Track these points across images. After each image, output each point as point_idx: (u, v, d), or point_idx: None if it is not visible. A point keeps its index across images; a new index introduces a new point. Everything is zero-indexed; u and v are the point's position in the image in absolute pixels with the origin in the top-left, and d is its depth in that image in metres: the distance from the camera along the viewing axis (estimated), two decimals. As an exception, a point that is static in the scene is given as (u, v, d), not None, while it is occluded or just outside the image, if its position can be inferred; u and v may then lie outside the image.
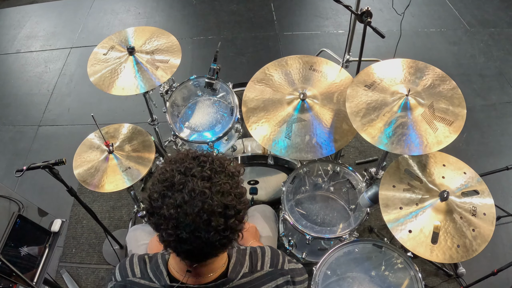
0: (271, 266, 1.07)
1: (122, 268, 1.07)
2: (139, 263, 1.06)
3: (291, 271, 1.10)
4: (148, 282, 1.01)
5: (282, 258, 1.11)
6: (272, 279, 1.05)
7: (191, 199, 0.83)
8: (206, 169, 0.87)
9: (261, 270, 1.06)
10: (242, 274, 1.02)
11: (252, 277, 1.03)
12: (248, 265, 1.05)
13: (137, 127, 1.96)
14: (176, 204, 0.83)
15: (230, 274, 1.00)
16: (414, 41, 3.66)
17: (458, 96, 1.60)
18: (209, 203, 0.83)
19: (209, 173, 0.86)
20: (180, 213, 0.83)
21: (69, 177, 1.70)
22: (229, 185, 0.88)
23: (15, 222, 1.51)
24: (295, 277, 1.10)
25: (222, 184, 0.86)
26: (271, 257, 1.09)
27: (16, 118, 3.21)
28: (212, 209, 0.83)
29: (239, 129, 2.04)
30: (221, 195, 0.85)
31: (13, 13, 4.19)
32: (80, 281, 2.28)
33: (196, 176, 0.85)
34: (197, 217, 0.83)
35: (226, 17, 3.97)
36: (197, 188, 0.83)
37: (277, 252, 1.12)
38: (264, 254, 1.10)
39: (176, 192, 0.84)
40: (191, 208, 0.83)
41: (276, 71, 1.90)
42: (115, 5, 4.17)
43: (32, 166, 1.51)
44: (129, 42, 2.01)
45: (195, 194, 0.83)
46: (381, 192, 1.55)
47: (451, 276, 2.22)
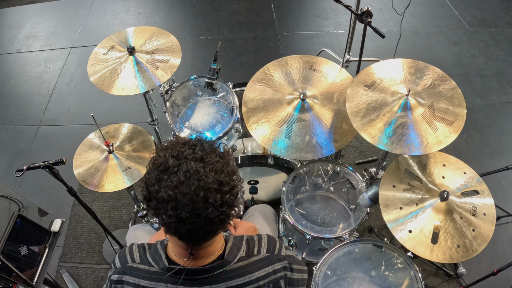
0: (268, 251, 1.08)
1: (121, 256, 1.09)
2: (139, 249, 1.08)
3: (288, 257, 1.10)
4: (147, 267, 1.03)
5: (279, 244, 1.12)
6: (269, 263, 1.06)
7: (186, 179, 0.86)
8: (198, 150, 0.90)
9: (258, 254, 1.07)
10: (239, 257, 1.04)
11: (249, 261, 1.05)
12: (244, 249, 1.06)
13: (137, 127, 1.96)
14: (173, 185, 0.86)
15: (226, 256, 1.02)
16: (414, 41, 3.66)
17: (458, 96, 1.60)
18: (204, 180, 0.86)
19: (201, 154, 0.90)
20: (178, 193, 0.86)
21: (69, 177, 1.70)
22: (221, 163, 0.91)
23: (15, 222, 1.51)
24: (293, 264, 1.11)
25: (215, 163, 0.90)
26: (267, 242, 1.11)
27: (16, 118, 3.21)
28: (208, 186, 0.86)
29: (239, 129, 2.04)
30: (215, 172, 0.88)
31: (13, 13, 4.19)
32: (80, 281, 2.28)
33: (189, 158, 0.89)
34: (194, 195, 0.85)
35: (226, 17, 3.97)
36: (191, 168, 0.87)
37: (274, 239, 1.13)
38: (261, 240, 1.11)
39: (171, 174, 0.87)
40: (188, 187, 0.85)
41: (276, 71, 1.90)
42: (115, 5, 4.17)
43: (32, 166, 1.51)
44: (129, 42, 2.01)
45: (190, 174, 0.86)
46: (381, 192, 1.55)
47: (451, 276, 2.22)
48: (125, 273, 1.05)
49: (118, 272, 1.06)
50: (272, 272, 1.06)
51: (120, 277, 1.05)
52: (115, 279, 1.06)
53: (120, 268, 1.06)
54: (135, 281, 1.03)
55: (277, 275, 1.06)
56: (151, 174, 0.91)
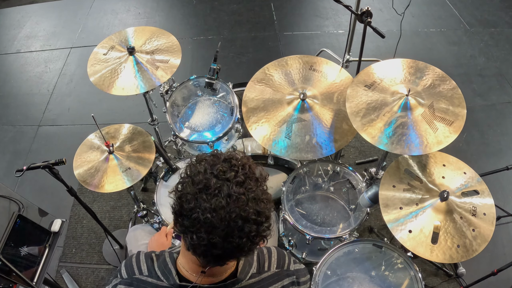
0: (278, 267, 1.08)
1: (128, 266, 1.06)
2: (146, 261, 1.05)
3: (296, 271, 1.11)
4: (156, 281, 1.00)
5: (288, 259, 1.12)
6: (279, 279, 1.06)
7: (227, 205, 0.82)
8: (240, 174, 0.85)
9: (268, 270, 1.06)
10: (251, 274, 1.03)
11: (260, 278, 1.04)
12: (256, 265, 1.05)
13: (137, 128, 1.96)
14: (212, 208, 0.82)
15: (239, 275, 1.00)
16: (414, 41, 3.66)
17: (458, 96, 1.60)
18: (245, 209, 0.83)
19: (243, 178, 0.85)
20: (216, 217, 0.82)
21: (69, 177, 1.70)
22: (260, 191, 0.87)
23: (15, 222, 1.51)
24: (300, 278, 1.11)
25: (256, 190, 0.86)
26: (277, 258, 1.10)
27: (16, 118, 3.21)
28: (247, 216, 0.83)
29: (239, 129, 2.04)
30: (255, 202, 0.85)
31: (13, 13, 4.19)
32: (80, 281, 2.28)
33: (231, 181, 0.84)
34: (232, 222, 0.82)
35: (226, 17, 3.97)
36: (234, 194, 0.82)
37: (283, 253, 1.13)
38: (271, 255, 1.10)
39: (211, 196, 0.83)
40: (228, 214, 0.82)
41: (276, 71, 1.90)
42: (115, 5, 4.17)
43: (32, 166, 1.51)
44: (129, 42, 2.01)
45: (232, 200, 0.82)
46: (381, 192, 1.55)
47: (451, 276, 2.22)
48: (131, 285, 1.02)
49: (125, 283, 1.03)
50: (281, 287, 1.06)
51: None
52: None
53: (127, 279, 1.03)
54: None
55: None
56: (187, 189, 0.85)
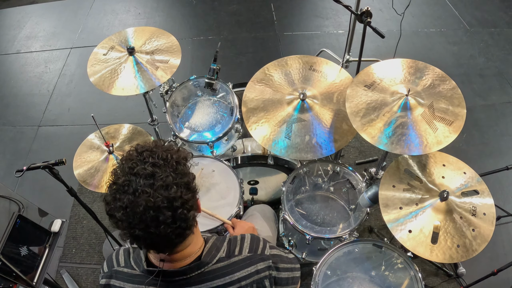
0: (250, 251, 1.07)
1: (109, 260, 1.11)
2: (124, 253, 1.10)
3: (272, 256, 1.09)
4: (130, 270, 1.05)
5: (263, 243, 1.11)
6: (251, 263, 1.05)
7: (135, 199, 0.86)
8: (148, 165, 0.89)
9: (239, 254, 1.06)
10: (218, 258, 1.04)
11: (229, 262, 1.04)
12: (225, 250, 1.06)
13: (137, 128, 1.96)
14: (124, 205, 0.87)
15: (204, 257, 1.02)
16: (414, 41, 3.66)
17: (458, 96, 1.60)
18: (151, 200, 0.86)
19: (151, 169, 0.89)
20: (129, 213, 0.86)
21: (69, 177, 1.70)
22: (172, 177, 0.89)
23: (15, 222, 1.51)
24: (278, 263, 1.09)
25: (165, 178, 0.88)
26: (250, 242, 1.10)
27: (16, 118, 3.21)
28: (156, 205, 0.86)
29: (239, 129, 2.04)
30: (165, 189, 0.87)
31: (13, 13, 4.19)
32: (80, 281, 2.29)
33: (139, 175, 0.88)
34: (143, 215, 0.86)
35: (226, 17, 3.97)
36: (139, 188, 0.86)
37: (257, 239, 1.12)
38: (244, 240, 1.10)
39: (122, 194, 0.87)
40: (137, 208, 0.86)
41: (276, 71, 1.90)
42: (115, 6, 4.17)
43: (32, 166, 1.51)
44: (129, 42, 2.01)
45: (138, 193, 0.86)
46: (381, 192, 1.55)
47: (451, 276, 2.22)
48: (111, 277, 1.07)
49: (106, 276, 1.08)
50: (255, 272, 1.05)
51: (107, 281, 1.07)
52: (103, 283, 1.08)
53: (107, 272, 1.09)
54: (120, 284, 1.05)
55: (261, 275, 1.05)
56: (108, 190, 0.92)
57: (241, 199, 1.77)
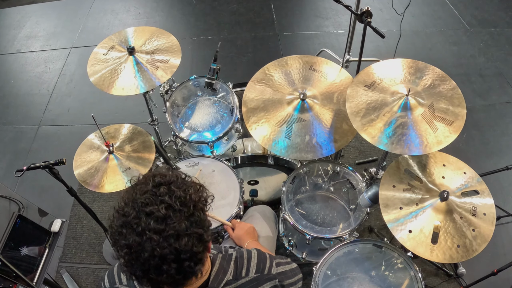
0: (257, 272, 1.05)
1: (110, 275, 1.07)
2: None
3: (279, 275, 1.08)
4: None
5: (270, 262, 1.09)
6: (258, 284, 1.03)
7: (142, 242, 0.81)
8: (163, 207, 0.82)
9: (246, 276, 1.03)
10: (226, 281, 1.00)
11: (237, 284, 1.01)
12: (232, 271, 1.03)
13: (137, 128, 1.96)
14: (128, 244, 0.82)
15: (211, 283, 0.98)
16: (414, 41, 3.66)
17: (458, 96, 1.60)
18: (157, 250, 0.80)
19: (165, 213, 0.82)
20: (133, 254, 0.82)
21: (69, 177, 1.70)
22: (185, 225, 0.83)
23: (15, 222, 1.51)
24: (284, 281, 1.08)
25: (177, 226, 0.82)
26: (257, 262, 1.07)
27: (16, 118, 3.21)
28: (162, 255, 0.81)
29: (239, 129, 2.04)
30: (175, 239, 0.81)
31: (13, 13, 4.19)
32: (80, 281, 2.28)
33: (151, 216, 0.82)
34: (147, 261, 0.81)
35: (226, 17, 3.97)
36: (148, 233, 0.80)
37: (264, 256, 1.10)
38: (250, 259, 1.07)
39: (129, 231, 0.82)
40: (142, 253, 0.81)
41: (276, 71, 1.90)
42: (115, 5, 4.17)
43: (32, 166, 1.51)
44: (129, 42, 2.01)
45: (146, 237, 0.80)
46: (381, 192, 1.54)
47: (451, 276, 2.22)
48: None
49: None
50: None
51: None
52: None
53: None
54: None
55: None
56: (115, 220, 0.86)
57: (241, 199, 1.77)
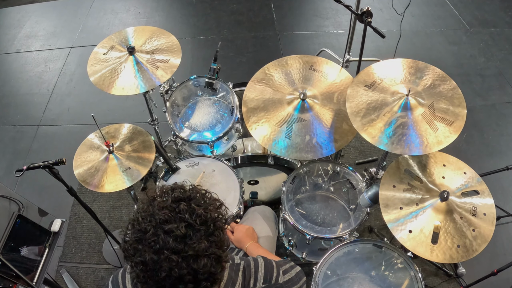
0: (265, 282, 1.05)
1: (114, 282, 1.06)
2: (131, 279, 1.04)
3: (286, 283, 1.08)
4: None
5: (277, 271, 1.09)
6: None
7: (159, 261, 0.79)
8: (183, 226, 0.80)
9: (254, 287, 1.03)
10: None
11: None
12: (240, 283, 1.02)
13: (137, 127, 1.96)
14: (144, 261, 0.80)
15: None
16: (414, 41, 3.66)
17: (458, 96, 1.60)
18: (175, 271, 0.79)
19: (185, 232, 0.80)
20: (148, 272, 0.81)
21: (69, 177, 1.70)
22: (205, 245, 0.81)
23: (15, 222, 1.51)
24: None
25: (197, 246, 0.80)
26: (264, 272, 1.07)
27: (16, 118, 3.21)
28: (180, 276, 0.79)
29: (239, 129, 2.04)
30: (193, 259, 0.79)
31: (13, 13, 4.19)
32: (80, 281, 2.28)
33: (170, 234, 0.79)
34: (163, 281, 0.80)
35: (226, 17, 3.97)
36: (166, 252, 0.78)
37: (271, 265, 1.09)
38: (257, 270, 1.06)
39: (146, 247, 0.80)
40: (158, 272, 0.79)
41: (276, 71, 1.90)
42: (115, 5, 4.17)
43: (32, 166, 1.51)
44: (129, 42, 2.01)
45: (164, 256, 0.78)
46: (381, 192, 1.54)
47: (451, 276, 2.22)
48: None
49: None
50: None
51: None
52: None
53: None
54: None
55: None
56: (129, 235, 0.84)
57: (241, 199, 1.77)
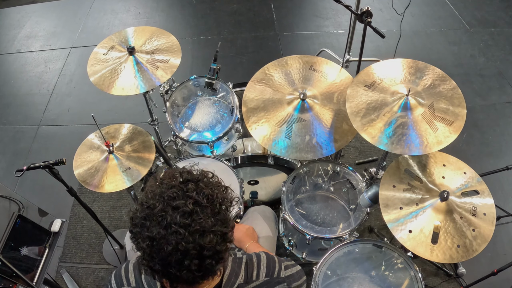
0: (267, 275, 1.06)
1: (117, 276, 1.07)
2: (134, 271, 1.05)
3: (287, 278, 1.09)
4: None
5: (279, 265, 1.10)
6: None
7: (166, 235, 0.80)
8: (190, 202, 0.82)
9: (256, 280, 1.04)
10: (237, 285, 1.01)
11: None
12: (243, 275, 1.03)
13: (137, 128, 1.96)
14: (152, 237, 0.81)
15: (224, 286, 0.99)
16: (414, 41, 3.66)
17: (458, 96, 1.60)
18: (182, 244, 0.80)
19: (192, 208, 0.82)
20: (155, 247, 0.82)
21: (69, 177, 1.70)
22: (211, 222, 0.83)
23: (15, 222, 1.51)
24: (292, 284, 1.09)
25: (203, 222, 0.82)
26: (267, 265, 1.08)
27: (16, 118, 3.21)
28: (186, 250, 0.81)
29: (239, 129, 2.04)
30: (200, 235, 0.81)
31: (13, 13, 4.19)
32: (80, 281, 2.28)
33: (177, 210, 0.82)
34: (169, 255, 0.81)
35: (226, 17, 3.97)
36: (174, 226, 0.80)
37: (273, 260, 1.10)
38: (260, 263, 1.08)
39: (154, 223, 0.82)
40: (165, 246, 0.80)
41: (276, 71, 1.90)
42: (115, 5, 4.17)
43: (32, 166, 1.51)
44: (129, 42, 2.01)
45: (171, 230, 0.80)
46: (381, 192, 1.54)
47: (451, 276, 2.22)
48: None
49: None
50: None
51: None
52: None
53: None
54: None
55: None
56: (139, 211, 0.86)
57: (241, 199, 1.77)
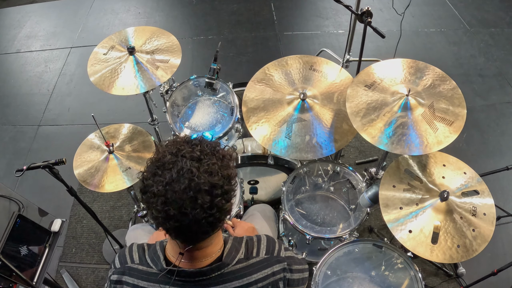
0: (267, 253, 1.08)
1: (121, 256, 1.10)
2: (138, 250, 1.09)
3: (287, 258, 1.10)
4: (146, 268, 1.04)
5: (278, 245, 1.12)
6: (268, 265, 1.06)
7: (178, 177, 0.87)
8: (196, 150, 0.91)
9: (256, 256, 1.07)
10: (237, 259, 1.04)
11: (248, 263, 1.04)
12: (243, 251, 1.06)
13: (137, 127, 1.96)
14: (166, 181, 0.87)
15: (225, 259, 1.02)
16: (414, 41, 3.66)
17: (458, 96, 1.60)
18: (195, 181, 0.86)
19: (199, 154, 0.90)
20: (168, 190, 0.87)
21: (69, 177, 1.70)
22: (217, 166, 0.91)
23: (15, 222, 1.51)
24: (292, 265, 1.11)
25: (211, 165, 0.90)
26: (266, 244, 1.11)
27: (16, 118, 3.21)
28: (198, 187, 0.87)
29: (239, 129, 2.04)
30: (209, 174, 0.88)
31: (13, 13, 4.19)
32: (80, 281, 2.28)
33: (186, 157, 0.89)
34: (183, 194, 0.86)
35: (226, 17, 3.97)
36: (185, 167, 0.87)
37: (273, 240, 1.13)
38: (260, 241, 1.11)
39: (165, 170, 0.89)
40: (178, 185, 0.86)
41: (276, 71, 1.90)
42: (115, 5, 4.17)
43: (32, 166, 1.51)
44: (129, 42, 2.01)
45: (183, 172, 0.87)
46: (381, 192, 1.55)
47: (451, 276, 2.22)
48: (124, 274, 1.06)
49: (118, 272, 1.07)
50: (271, 274, 1.05)
51: (119, 277, 1.06)
52: (115, 279, 1.07)
53: (120, 268, 1.07)
54: (134, 281, 1.04)
55: (276, 277, 1.06)
56: (148, 168, 0.93)
57: (241, 199, 1.77)
